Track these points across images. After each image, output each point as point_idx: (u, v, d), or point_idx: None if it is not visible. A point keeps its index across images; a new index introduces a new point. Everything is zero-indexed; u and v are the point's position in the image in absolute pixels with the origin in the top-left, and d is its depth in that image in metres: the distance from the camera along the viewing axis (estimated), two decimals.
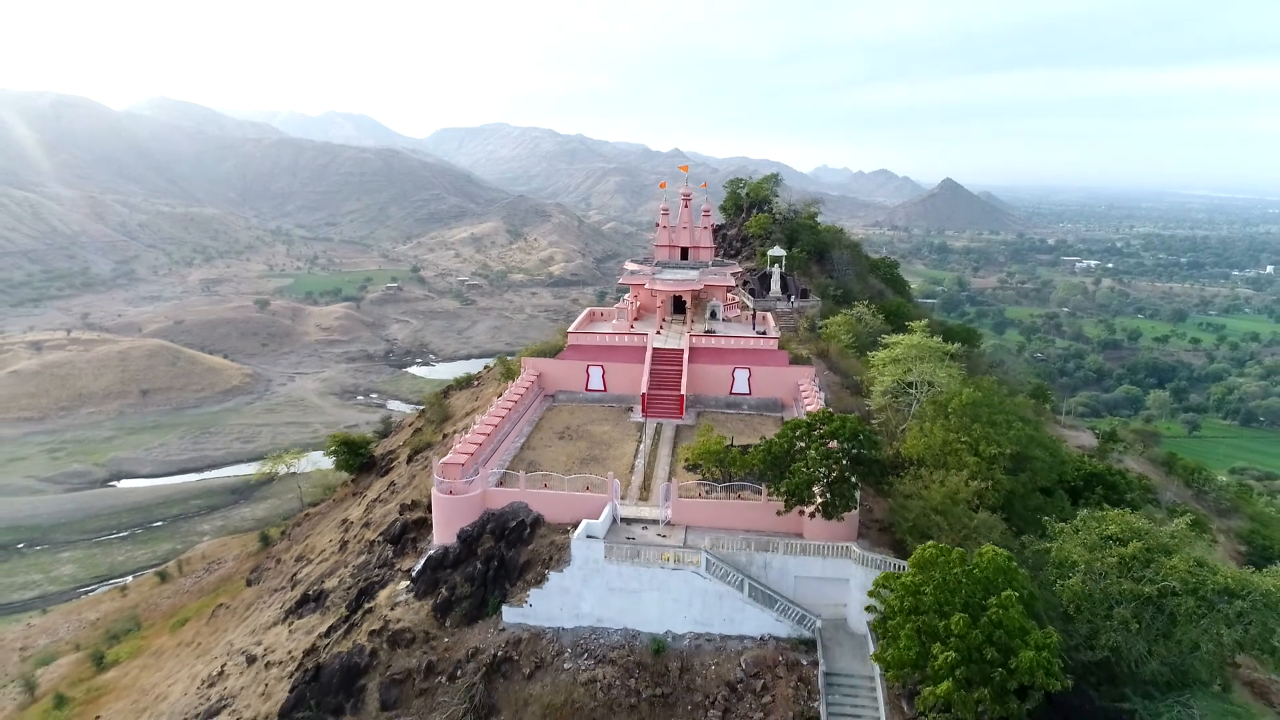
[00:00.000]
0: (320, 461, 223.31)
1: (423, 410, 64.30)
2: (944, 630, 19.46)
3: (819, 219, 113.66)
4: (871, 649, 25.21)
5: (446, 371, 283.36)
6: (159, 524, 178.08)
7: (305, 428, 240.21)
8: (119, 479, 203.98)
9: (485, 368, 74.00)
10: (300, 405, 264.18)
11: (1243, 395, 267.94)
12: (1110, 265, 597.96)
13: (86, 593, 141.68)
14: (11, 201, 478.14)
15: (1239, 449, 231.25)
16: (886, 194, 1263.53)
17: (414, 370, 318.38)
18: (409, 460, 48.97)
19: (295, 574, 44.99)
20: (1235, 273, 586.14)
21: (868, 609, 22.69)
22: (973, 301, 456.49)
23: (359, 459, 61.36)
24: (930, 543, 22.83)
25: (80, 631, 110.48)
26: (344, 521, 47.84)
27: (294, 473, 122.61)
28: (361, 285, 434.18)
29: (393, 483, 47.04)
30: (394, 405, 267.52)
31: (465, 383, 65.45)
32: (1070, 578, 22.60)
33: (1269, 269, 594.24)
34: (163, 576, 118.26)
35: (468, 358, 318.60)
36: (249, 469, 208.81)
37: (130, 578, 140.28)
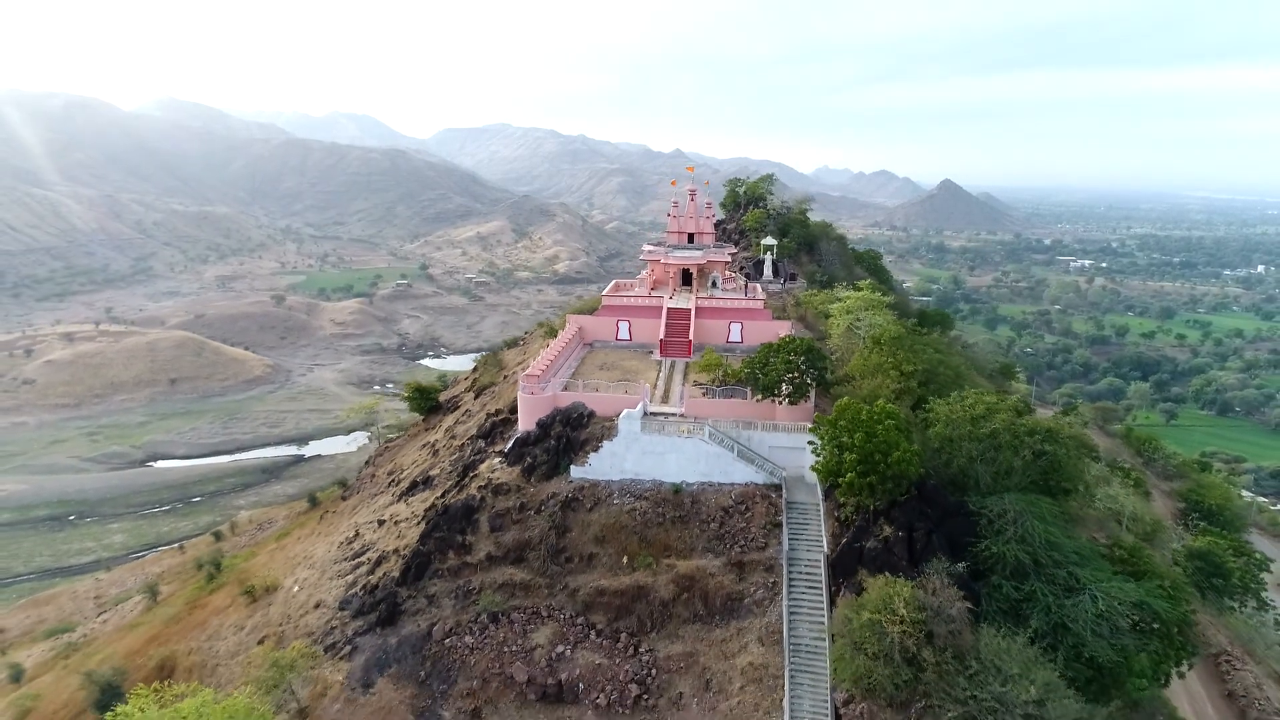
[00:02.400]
0: (343, 442, 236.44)
1: (475, 366, 76.99)
2: (850, 444, 31.80)
3: (811, 216, 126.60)
4: (818, 491, 37.72)
5: (458, 363, 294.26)
6: (197, 499, 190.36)
7: (327, 414, 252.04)
8: (155, 460, 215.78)
9: (526, 333, 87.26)
10: (320, 394, 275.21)
11: (1219, 387, 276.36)
12: (1104, 265, 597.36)
13: (139, 558, 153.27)
14: (33, 200, 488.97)
15: (1213, 436, 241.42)
16: (887, 195, 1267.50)
17: (426, 362, 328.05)
18: (475, 396, 61.79)
19: (395, 478, 57.28)
20: (1226, 272, 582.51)
21: (809, 443, 35.14)
22: (967, 299, 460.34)
23: (429, 401, 74.45)
24: (845, 398, 35.38)
25: (148, 581, 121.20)
26: (427, 443, 60.15)
27: (377, 413, 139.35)
28: (372, 282, 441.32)
29: (468, 410, 59.63)
30: None
31: (512, 343, 78.65)
32: (935, 427, 35.21)
33: (1260, 268, 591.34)
34: (217, 536, 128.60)
35: (478, 350, 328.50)
36: (278, 451, 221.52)
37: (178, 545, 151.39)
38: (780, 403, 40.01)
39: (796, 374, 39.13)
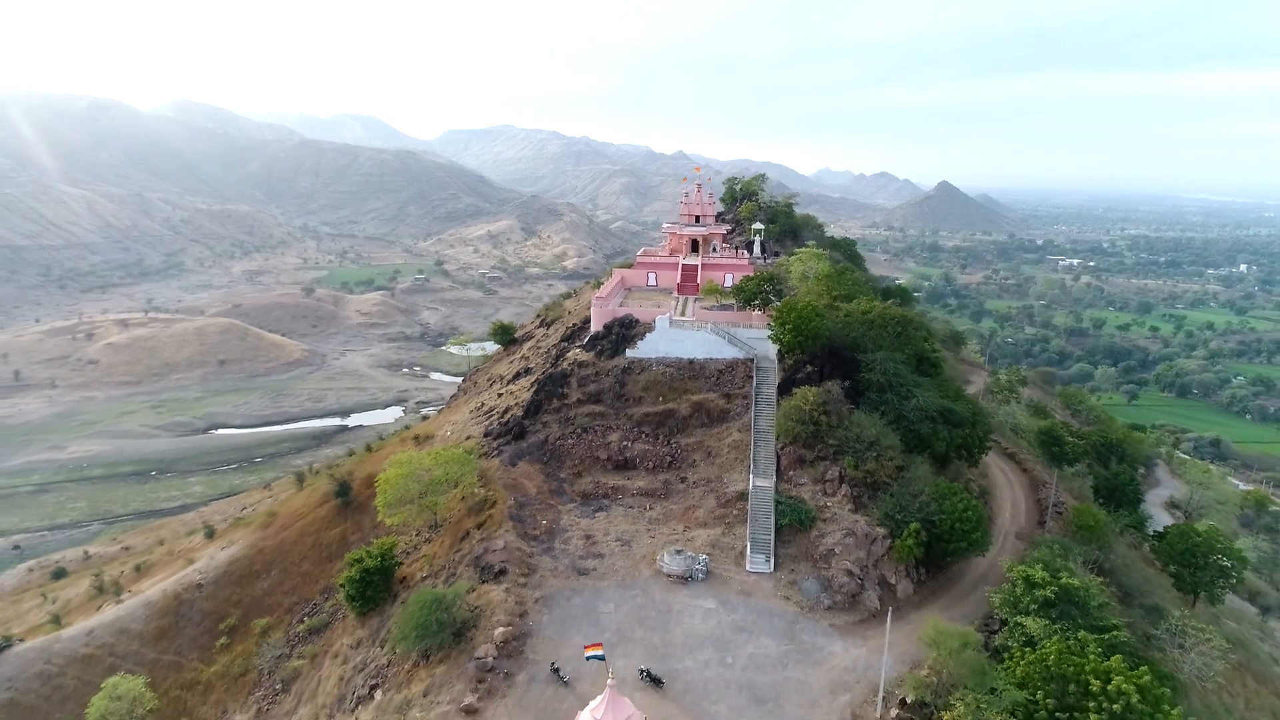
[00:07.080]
0: (380, 415, 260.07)
1: (538, 314, 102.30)
2: (788, 321, 56.22)
3: (809, 215, 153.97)
4: (775, 362, 62.72)
5: (477, 349, 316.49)
6: (259, 460, 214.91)
7: (364, 391, 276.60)
8: (216, 428, 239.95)
9: (576, 289, 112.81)
10: (355, 375, 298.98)
11: (1179, 371, 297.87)
12: (1092, 263, 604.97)
13: (218, 502, 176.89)
14: (69, 198, 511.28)
15: (1167, 414, 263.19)
16: (887, 196, 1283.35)
17: (448, 348, 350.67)
18: (547, 328, 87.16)
19: (494, 380, 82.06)
20: (1210, 271, 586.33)
21: (769, 327, 60.05)
22: (957, 295, 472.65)
23: (509, 335, 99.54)
24: (787, 298, 60.11)
25: (242, 511, 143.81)
26: (515, 358, 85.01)
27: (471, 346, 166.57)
28: (391, 277, 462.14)
29: (544, 335, 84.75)
30: (436, 376, 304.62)
31: (567, 295, 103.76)
32: (841, 316, 60.06)
33: (1243, 267, 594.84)
34: (298, 476, 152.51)
35: None
36: (324, 422, 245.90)
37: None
38: (753, 311, 65.40)
39: (764, 292, 64.60)
